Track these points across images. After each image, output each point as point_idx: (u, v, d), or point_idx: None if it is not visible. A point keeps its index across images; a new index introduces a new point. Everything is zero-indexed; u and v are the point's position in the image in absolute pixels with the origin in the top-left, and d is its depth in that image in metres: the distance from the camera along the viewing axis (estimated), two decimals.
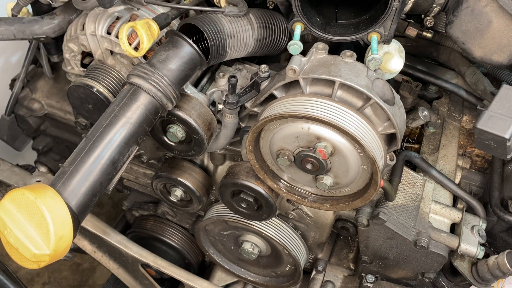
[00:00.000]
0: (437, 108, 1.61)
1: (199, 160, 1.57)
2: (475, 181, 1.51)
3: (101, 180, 0.99)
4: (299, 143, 1.09)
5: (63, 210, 0.88)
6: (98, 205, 2.96)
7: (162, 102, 1.07)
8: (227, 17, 1.18)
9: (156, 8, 1.24)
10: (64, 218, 0.87)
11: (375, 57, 1.04)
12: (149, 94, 1.05)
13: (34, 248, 0.84)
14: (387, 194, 1.28)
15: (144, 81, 1.05)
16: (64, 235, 0.87)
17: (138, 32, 1.07)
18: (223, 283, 1.78)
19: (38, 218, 0.84)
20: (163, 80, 1.06)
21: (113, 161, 1.01)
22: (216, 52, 1.16)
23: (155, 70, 1.06)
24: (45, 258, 0.85)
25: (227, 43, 1.17)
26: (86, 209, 0.97)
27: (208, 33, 1.13)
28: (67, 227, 0.87)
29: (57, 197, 0.88)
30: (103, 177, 0.99)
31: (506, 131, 0.99)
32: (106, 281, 2.01)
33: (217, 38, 1.15)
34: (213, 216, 1.50)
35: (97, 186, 0.98)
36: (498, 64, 1.15)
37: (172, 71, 1.09)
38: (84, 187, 0.96)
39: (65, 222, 0.87)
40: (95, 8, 1.24)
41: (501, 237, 1.43)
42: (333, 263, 1.66)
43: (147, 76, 1.05)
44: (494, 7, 1.05)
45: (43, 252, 0.84)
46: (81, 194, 0.95)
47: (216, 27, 1.15)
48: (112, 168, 1.01)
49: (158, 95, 1.06)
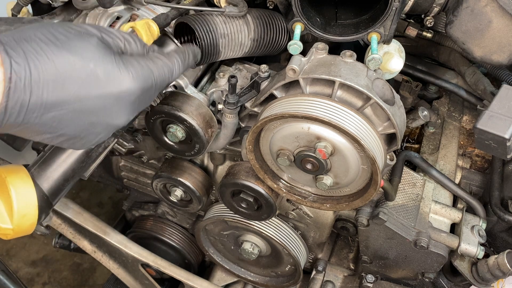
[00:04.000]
0: (437, 108, 1.61)
1: (199, 160, 1.57)
2: (475, 181, 1.51)
3: (73, 167, 1.08)
4: (299, 143, 1.09)
5: (29, 191, 0.96)
6: (98, 205, 2.96)
7: None
8: (222, 16, 1.18)
9: (156, 8, 1.23)
10: (30, 198, 0.96)
11: (375, 57, 1.04)
12: None
13: (0, 222, 0.94)
14: (387, 194, 1.29)
15: None
16: (28, 213, 0.95)
17: (138, 32, 1.06)
18: (223, 283, 1.78)
19: (6, 195, 0.93)
20: None
21: (87, 151, 1.10)
22: (207, 51, 1.16)
23: None
24: (9, 231, 0.94)
25: (220, 43, 1.17)
26: (58, 193, 1.06)
27: (199, 32, 1.13)
28: (31, 207, 0.96)
29: (26, 177, 0.97)
30: (76, 165, 1.08)
31: (506, 131, 0.99)
32: (106, 281, 2.02)
33: (208, 37, 1.14)
34: (213, 216, 1.50)
35: (69, 172, 1.07)
36: (498, 64, 1.15)
37: None
38: (56, 172, 1.05)
39: (30, 202, 0.96)
40: (95, 8, 1.24)
41: (501, 237, 1.43)
42: (333, 263, 1.66)
43: None
44: (494, 7, 1.05)
45: (7, 226, 0.93)
46: (54, 179, 1.05)
47: (208, 26, 1.14)
48: (85, 157, 1.09)
49: None
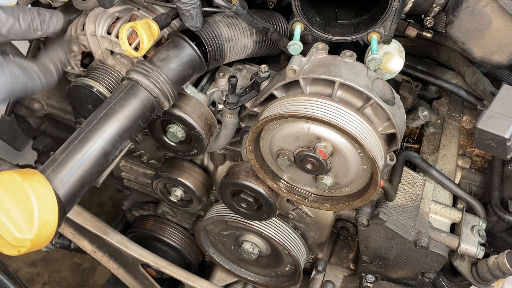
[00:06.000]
0: (437, 108, 1.61)
1: (199, 160, 1.57)
2: (475, 181, 1.51)
3: (91, 170, 0.97)
4: (299, 143, 1.09)
5: (49, 195, 0.85)
6: (98, 205, 2.96)
7: (159, 99, 1.07)
8: (225, 21, 1.18)
9: (156, 8, 1.24)
10: (50, 204, 0.84)
11: (375, 57, 1.04)
12: (147, 90, 1.05)
13: (16, 232, 0.80)
14: (387, 194, 1.29)
15: (143, 77, 1.05)
16: (49, 221, 0.83)
17: (138, 32, 1.07)
18: (223, 283, 1.78)
19: (23, 201, 0.81)
20: (161, 77, 1.06)
21: (105, 153, 0.99)
22: (214, 56, 1.16)
23: (155, 67, 1.06)
24: (26, 243, 0.81)
25: (225, 47, 1.18)
26: (74, 200, 0.95)
27: (206, 39, 1.14)
28: (52, 213, 0.84)
29: (44, 182, 0.86)
30: (94, 168, 0.97)
31: (506, 131, 0.99)
32: (106, 281, 2.02)
33: (214, 43, 1.15)
34: (213, 216, 1.50)
35: (87, 176, 0.96)
36: (498, 64, 1.15)
37: (172, 70, 1.09)
38: (74, 176, 0.93)
39: (50, 208, 0.84)
40: (95, 8, 1.24)
41: (501, 237, 1.43)
42: (333, 263, 1.66)
43: (146, 72, 1.05)
44: (494, 7, 1.05)
45: (25, 236, 0.80)
46: (70, 183, 0.93)
47: (214, 32, 1.15)
48: (103, 160, 0.99)
49: (156, 92, 1.06)
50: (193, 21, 1.10)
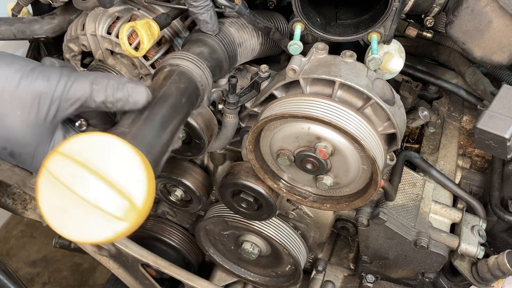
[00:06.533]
0: (437, 108, 1.61)
1: (199, 160, 1.57)
2: (475, 181, 1.51)
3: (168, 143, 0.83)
4: (299, 143, 1.09)
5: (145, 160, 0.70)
6: None
7: (203, 90, 1.00)
8: (235, 25, 1.17)
9: (156, 8, 1.23)
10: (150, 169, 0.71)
11: (375, 57, 1.04)
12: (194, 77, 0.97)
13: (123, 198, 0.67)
14: (387, 194, 1.29)
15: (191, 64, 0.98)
16: (152, 187, 0.70)
17: (138, 32, 1.06)
18: (223, 283, 1.78)
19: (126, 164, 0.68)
20: (205, 68, 1.01)
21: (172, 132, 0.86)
22: (230, 62, 1.17)
23: (199, 58, 1.00)
24: (132, 215, 0.68)
25: (238, 52, 1.18)
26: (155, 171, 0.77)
27: (224, 44, 1.14)
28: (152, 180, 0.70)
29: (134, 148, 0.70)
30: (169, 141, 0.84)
31: (506, 131, 0.99)
32: (106, 281, 2.02)
33: (230, 49, 1.15)
34: (213, 216, 1.50)
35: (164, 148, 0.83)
36: (498, 64, 1.15)
37: (208, 65, 1.04)
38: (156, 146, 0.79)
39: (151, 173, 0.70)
40: (95, 8, 1.24)
41: (501, 237, 1.43)
42: (333, 263, 1.66)
43: (194, 61, 0.99)
44: (494, 7, 1.05)
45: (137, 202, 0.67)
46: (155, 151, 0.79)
47: (228, 38, 1.15)
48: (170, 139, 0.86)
49: (201, 81, 0.99)
50: (209, 25, 1.07)
